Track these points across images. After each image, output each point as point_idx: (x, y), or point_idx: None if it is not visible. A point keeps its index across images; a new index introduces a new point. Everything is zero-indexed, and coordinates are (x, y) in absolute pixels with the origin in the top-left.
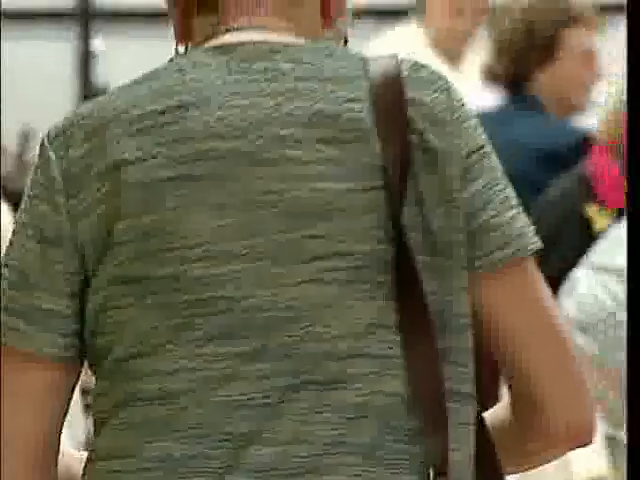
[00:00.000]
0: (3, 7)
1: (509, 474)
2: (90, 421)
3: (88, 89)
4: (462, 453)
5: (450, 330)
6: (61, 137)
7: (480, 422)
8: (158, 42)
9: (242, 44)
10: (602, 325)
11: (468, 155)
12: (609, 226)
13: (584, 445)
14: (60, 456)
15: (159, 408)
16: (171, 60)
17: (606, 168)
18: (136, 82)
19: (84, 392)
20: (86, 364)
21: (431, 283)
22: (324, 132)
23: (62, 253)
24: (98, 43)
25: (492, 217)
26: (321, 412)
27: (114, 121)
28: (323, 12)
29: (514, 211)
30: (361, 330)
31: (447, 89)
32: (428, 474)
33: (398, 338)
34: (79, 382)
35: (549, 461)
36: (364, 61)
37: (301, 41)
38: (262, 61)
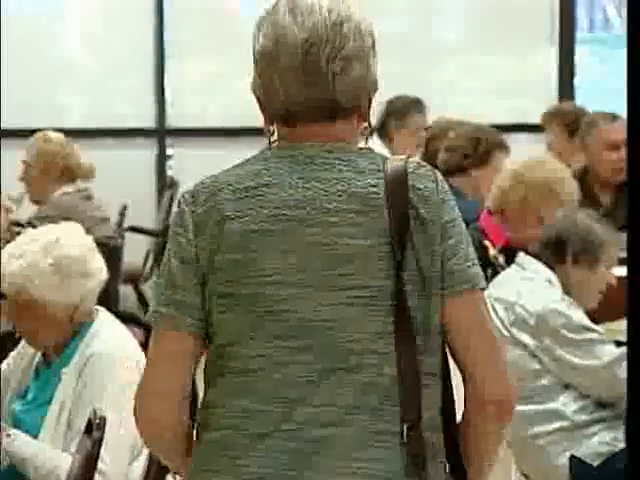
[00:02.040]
0: (109, 126)
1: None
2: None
3: (163, 181)
4: (432, 412)
5: (428, 333)
6: (191, 199)
7: (449, 392)
8: (215, 151)
9: (305, 146)
10: None
11: (445, 223)
12: (495, 256)
13: (505, 414)
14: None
15: (241, 379)
16: (262, 151)
17: (490, 224)
18: (239, 165)
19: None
20: None
21: (419, 303)
22: (354, 206)
23: (192, 269)
24: (170, 151)
25: (456, 264)
26: (344, 387)
27: (223, 190)
28: (359, 118)
29: (470, 262)
30: (371, 336)
31: (436, 181)
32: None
33: (394, 340)
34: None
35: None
36: (384, 160)
37: (344, 144)
38: (318, 157)
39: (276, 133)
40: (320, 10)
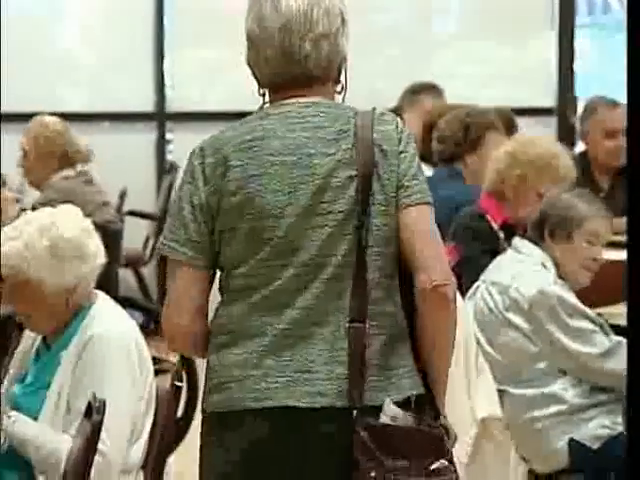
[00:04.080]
0: (109, 110)
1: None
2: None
3: (162, 166)
4: (390, 307)
5: (390, 243)
6: (199, 152)
7: (410, 292)
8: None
9: (290, 104)
10: (488, 319)
11: (399, 153)
12: (497, 232)
13: (446, 301)
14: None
15: (244, 293)
16: (257, 112)
17: (490, 205)
18: (238, 124)
19: None
20: None
21: (383, 219)
22: (330, 148)
23: (200, 212)
24: (170, 136)
25: (408, 183)
26: (324, 293)
27: (227, 144)
28: (333, 81)
29: (418, 180)
30: (344, 251)
31: (396, 124)
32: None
33: (359, 252)
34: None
35: (435, 325)
36: (354, 110)
37: (321, 99)
38: (300, 112)
39: (267, 96)
40: None
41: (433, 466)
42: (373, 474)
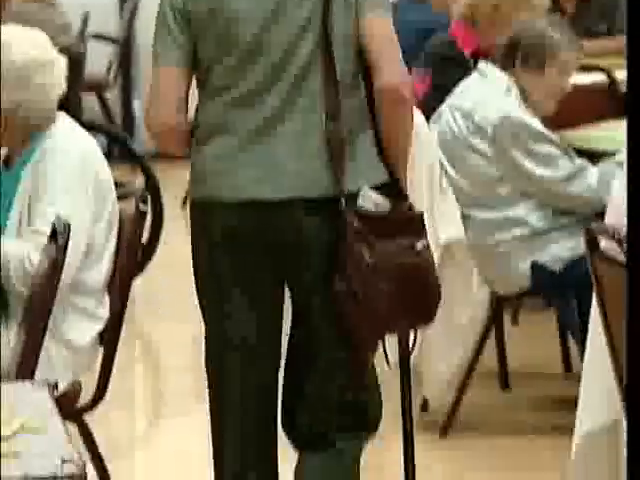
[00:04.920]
0: None
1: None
2: None
3: None
4: (355, 101)
5: (348, 44)
6: None
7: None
8: None
9: None
10: (452, 144)
11: None
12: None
13: (400, 101)
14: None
15: (219, 92)
16: None
17: (461, 33)
18: None
19: None
20: None
21: (343, 23)
22: None
23: (180, 15)
24: None
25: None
26: (289, 93)
27: None
28: None
29: None
30: (309, 52)
31: None
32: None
33: (326, 53)
34: None
35: (391, 121)
36: None
37: None
38: None
39: None
40: None
41: (418, 247)
42: (368, 257)
